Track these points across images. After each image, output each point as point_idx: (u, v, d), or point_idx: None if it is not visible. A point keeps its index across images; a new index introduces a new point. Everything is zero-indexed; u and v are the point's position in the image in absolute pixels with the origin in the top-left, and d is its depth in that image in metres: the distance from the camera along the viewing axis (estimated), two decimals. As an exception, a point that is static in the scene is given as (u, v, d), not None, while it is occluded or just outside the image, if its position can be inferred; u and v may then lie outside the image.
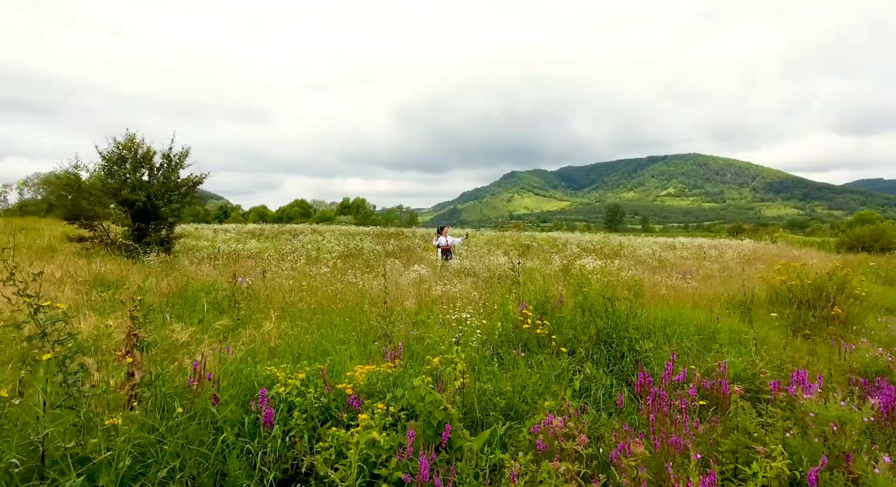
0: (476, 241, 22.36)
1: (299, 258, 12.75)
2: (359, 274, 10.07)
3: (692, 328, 4.55)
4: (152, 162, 12.77)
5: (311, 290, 8.17)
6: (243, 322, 5.18)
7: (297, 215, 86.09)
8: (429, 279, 8.49)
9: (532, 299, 5.05)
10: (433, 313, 5.79)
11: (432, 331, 3.82)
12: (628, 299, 4.45)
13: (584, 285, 4.70)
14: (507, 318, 4.48)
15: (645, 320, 4.43)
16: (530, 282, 8.27)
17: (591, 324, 4.19)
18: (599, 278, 9.02)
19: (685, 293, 8.90)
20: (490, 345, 4.07)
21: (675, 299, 8.17)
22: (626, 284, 9.11)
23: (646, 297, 8.73)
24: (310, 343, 4.47)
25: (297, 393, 2.47)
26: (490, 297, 7.10)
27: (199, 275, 9.62)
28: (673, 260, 15.33)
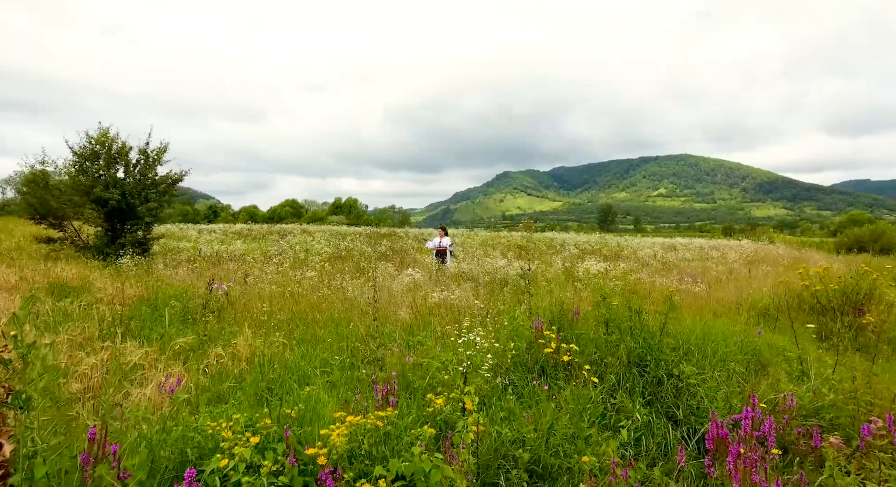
0: (471, 242, 21.70)
1: (285, 261, 12.01)
2: (348, 278, 9.36)
3: (733, 346, 3.92)
4: (128, 158, 11.97)
5: (295, 297, 7.46)
6: (212, 339, 4.46)
7: (287, 215, 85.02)
8: (424, 285, 7.81)
9: (545, 311, 4.39)
10: (430, 325, 5.11)
11: (432, 353, 3.15)
12: (659, 312, 3.81)
13: (607, 295, 4.02)
14: (518, 335, 3.81)
15: (679, 335, 3.78)
16: (535, 287, 7.62)
17: (619, 344, 3.53)
18: (613, 284, 8.40)
19: (700, 299, 8.28)
20: (502, 370, 3.40)
21: (693, 307, 7.54)
22: (641, 290, 8.50)
23: (653, 301, 8.15)
24: (287, 366, 3.78)
25: (247, 467, 1.78)
26: (493, 305, 6.43)
27: (174, 280, 8.86)
28: (675, 262, 14.77)
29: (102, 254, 11.05)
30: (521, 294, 4.57)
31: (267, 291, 7.56)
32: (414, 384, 3.01)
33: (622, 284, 8.77)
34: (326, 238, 20.94)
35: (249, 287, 8.12)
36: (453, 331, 5.02)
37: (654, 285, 9.10)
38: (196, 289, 7.81)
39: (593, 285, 8.51)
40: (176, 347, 4.09)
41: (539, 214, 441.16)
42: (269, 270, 10.21)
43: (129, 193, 11.44)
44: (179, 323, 5.28)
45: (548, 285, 8.28)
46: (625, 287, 8.45)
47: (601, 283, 8.17)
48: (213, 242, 16.67)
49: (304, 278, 9.08)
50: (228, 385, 3.37)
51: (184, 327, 5.03)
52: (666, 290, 6.12)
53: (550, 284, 8.38)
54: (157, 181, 12.19)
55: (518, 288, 8.17)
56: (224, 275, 9.72)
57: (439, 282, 8.31)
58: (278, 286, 8.05)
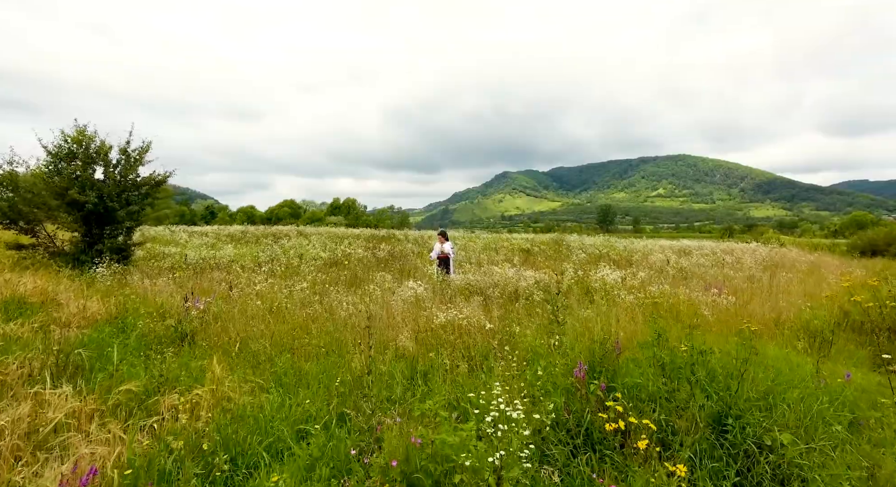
0: (474, 246, 20.88)
1: (277, 268, 11.18)
2: (343, 290, 8.54)
3: (820, 393, 3.11)
4: (108, 158, 11.13)
5: (283, 314, 6.63)
6: (170, 381, 3.63)
7: (285, 215, 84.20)
8: (427, 300, 6.98)
9: (580, 347, 3.58)
10: (438, 358, 4.29)
11: (444, 427, 2.32)
12: (730, 354, 3.00)
13: (661, 331, 3.19)
14: (553, 383, 3.00)
15: (753, 381, 2.97)
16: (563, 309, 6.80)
17: (687, 399, 2.72)
18: (636, 298, 7.58)
19: (733, 316, 7.48)
20: (538, 438, 2.58)
21: (729, 325, 6.73)
22: (667, 304, 7.69)
23: (685, 314, 7.34)
24: (258, 424, 2.96)
25: None
26: (506, 325, 5.62)
27: (151, 292, 8.03)
28: (690, 268, 13.96)
29: (78, 262, 10.21)
30: (550, 324, 3.75)
31: (251, 308, 6.73)
32: (424, 469, 2.19)
33: (645, 297, 7.97)
34: (323, 242, 20.10)
35: (233, 302, 7.29)
36: (464, 366, 4.21)
37: (678, 298, 8.29)
38: (173, 304, 6.99)
39: (623, 302, 7.71)
40: (121, 394, 3.26)
41: (538, 214, 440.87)
42: (257, 279, 9.38)
43: (108, 195, 10.60)
44: (139, 355, 4.45)
45: (565, 298, 7.47)
46: (654, 302, 7.65)
47: (640, 301, 7.35)
48: (202, 247, 15.82)
49: (295, 290, 8.26)
50: (174, 458, 2.54)
51: (145, 358, 4.20)
52: (736, 322, 5.25)
53: (568, 296, 7.56)
54: (139, 183, 11.35)
55: (532, 302, 7.37)
56: (207, 286, 8.89)
57: (444, 296, 7.49)
58: (265, 301, 7.22)
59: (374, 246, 19.57)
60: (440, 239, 10.27)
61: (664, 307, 8.07)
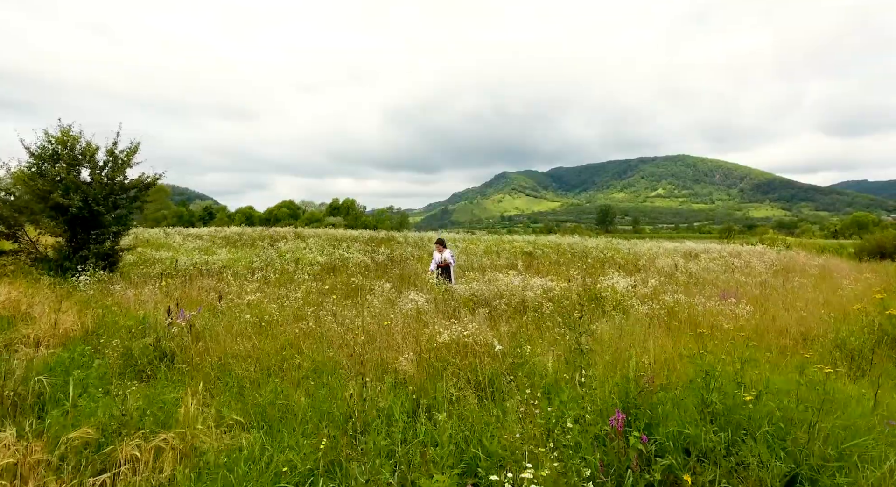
0: (475, 249, 20.40)
1: (271, 275, 10.69)
2: (340, 300, 8.06)
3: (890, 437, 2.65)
4: (95, 159, 10.65)
5: (273, 329, 6.16)
6: (134, 419, 3.15)
7: (284, 216, 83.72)
8: (429, 313, 6.50)
9: (610, 384, 3.09)
10: (443, 388, 3.81)
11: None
12: (790, 393, 2.53)
13: (711, 370, 2.70)
14: (583, 430, 2.53)
15: (821, 430, 2.50)
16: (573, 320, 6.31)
17: (750, 455, 2.25)
18: (651, 308, 7.08)
19: (754, 329, 7.01)
20: None
21: (754, 341, 6.27)
22: (684, 315, 7.20)
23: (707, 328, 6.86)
24: (229, 482, 2.48)
25: None
26: (516, 344, 5.14)
27: (134, 303, 7.55)
28: (699, 273, 13.48)
29: (61, 269, 9.73)
30: (573, 353, 3.27)
31: (240, 322, 6.25)
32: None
33: (660, 307, 7.48)
34: (320, 245, 19.61)
35: (221, 315, 6.81)
36: (472, 397, 3.74)
37: (695, 308, 7.82)
38: (157, 317, 6.51)
39: (636, 313, 7.23)
40: (70, 442, 2.78)
41: (537, 214, 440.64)
42: (249, 288, 8.90)
43: (94, 198, 10.11)
44: (106, 384, 3.96)
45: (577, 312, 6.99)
46: (670, 309, 7.16)
47: (655, 312, 6.86)
48: (194, 251, 15.32)
49: (288, 301, 7.78)
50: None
51: (104, 394, 3.70)
52: (762, 336, 4.71)
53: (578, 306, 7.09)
54: (127, 186, 10.87)
55: (541, 315, 6.89)
56: (196, 296, 8.41)
57: (447, 308, 7.01)
58: (256, 313, 6.74)
59: (372, 249, 19.10)
60: (438, 248, 9.78)
61: (681, 318, 7.61)
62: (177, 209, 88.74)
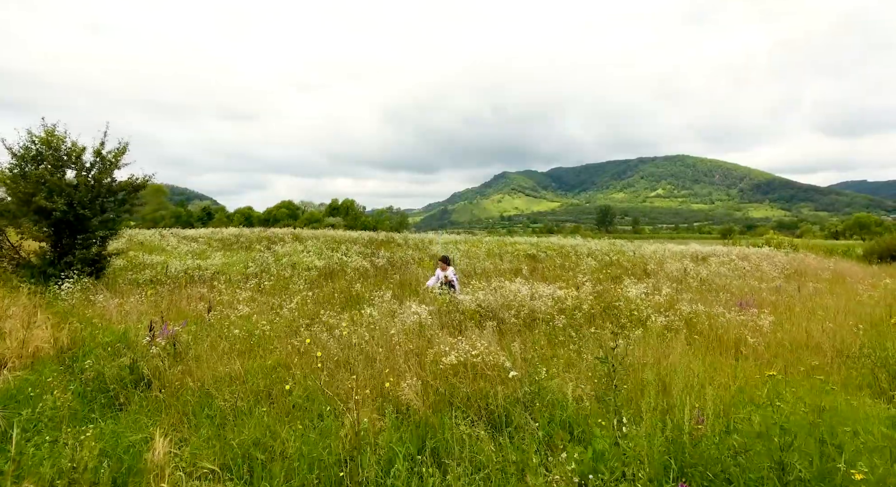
0: (477, 251, 19.92)
1: (266, 282, 10.21)
2: (337, 311, 7.59)
3: None
4: (81, 161, 10.17)
5: (264, 344, 5.69)
6: (88, 472, 2.67)
7: (283, 216, 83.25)
8: (432, 327, 6.03)
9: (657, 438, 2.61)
10: (452, 415, 3.34)
11: None
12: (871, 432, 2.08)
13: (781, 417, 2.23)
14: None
15: None
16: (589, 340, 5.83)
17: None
18: (667, 321, 6.57)
19: (778, 341, 6.54)
20: None
21: (782, 357, 5.80)
22: (705, 328, 6.70)
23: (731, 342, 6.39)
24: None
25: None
26: (530, 365, 4.68)
27: (117, 315, 7.07)
28: (710, 278, 13.01)
29: (44, 276, 9.25)
30: (606, 390, 2.80)
31: (227, 338, 5.77)
32: None
33: (678, 318, 6.98)
34: (318, 247, 19.13)
35: (209, 329, 6.34)
36: (485, 434, 3.27)
37: (715, 319, 7.35)
38: (139, 331, 6.03)
39: (654, 326, 6.75)
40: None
41: (537, 214, 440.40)
42: (242, 296, 8.43)
43: (80, 201, 9.64)
44: (61, 424, 3.48)
45: (590, 326, 6.51)
46: (687, 320, 6.63)
47: (672, 323, 6.36)
48: (188, 255, 14.84)
49: (283, 310, 7.30)
50: None
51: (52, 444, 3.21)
52: (795, 354, 4.19)
53: (592, 321, 6.60)
54: (115, 188, 10.39)
55: (553, 328, 6.42)
56: (184, 306, 7.94)
57: (451, 319, 6.54)
58: (246, 326, 6.27)
59: (372, 252, 18.62)
60: (442, 266, 9.03)
61: (700, 329, 7.15)
62: (175, 210, 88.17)
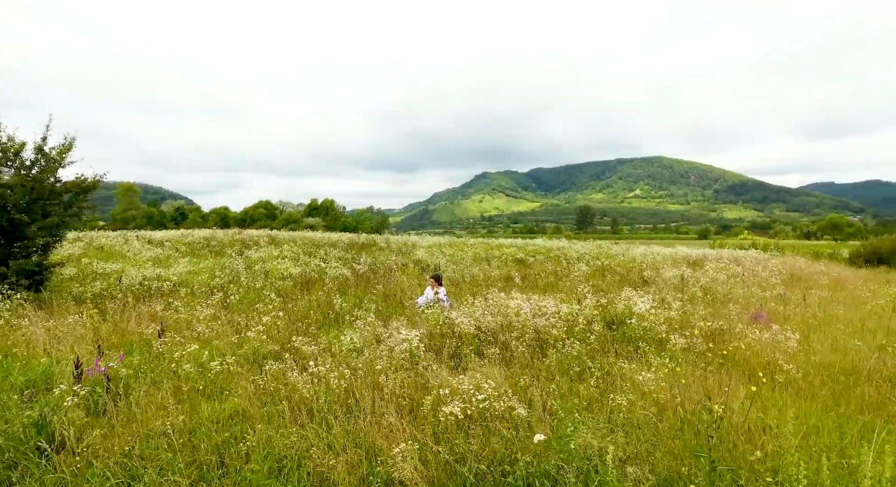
0: (463, 256, 19.03)
1: (234, 295, 9.11)
2: (314, 333, 6.58)
3: None
4: (21, 158, 8.93)
5: (221, 383, 4.67)
6: None
7: (261, 217, 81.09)
8: (425, 357, 5.09)
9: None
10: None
11: None
12: None
13: None
14: None
15: None
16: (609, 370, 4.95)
17: None
18: (687, 342, 5.69)
19: (815, 365, 5.80)
20: None
21: (822, 386, 5.04)
22: (740, 355, 5.87)
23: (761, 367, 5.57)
24: None
25: None
26: (555, 422, 3.79)
27: (47, 342, 5.94)
28: (710, 285, 12.36)
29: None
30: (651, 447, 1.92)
31: (175, 377, 4.73)
32: None
33: (697, 334, 6.16)
34: (295, 252, 17.97)
35: (156, 359, 5.29)
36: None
37: (737, 337, 6.57)
38: (69, 365, 4.95)
39: (674, 348, 5.92)
40: None
41: (517, 215, 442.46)
42: (204, 314, 7.35)
43: (15, 205, 8.42)
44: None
45: (602, 342, 5.65)
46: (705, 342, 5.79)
47: (692, 344, 5.48)
48: (148, 262, 13.55)
49: (251, 331, 6.26)
50: None
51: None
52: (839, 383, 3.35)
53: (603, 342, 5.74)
54: (59, 190, 9.17)
55: (565, 355, 5.55)
56: (132, 328, 6.82)
57: (447, 345, 5.61)
58: (200, 359, 5.23)
59: (352, 257, 17.56)
60: (432, 283, 8.42)
61: (721, 350, 6.38)
62: (147, 210, 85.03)
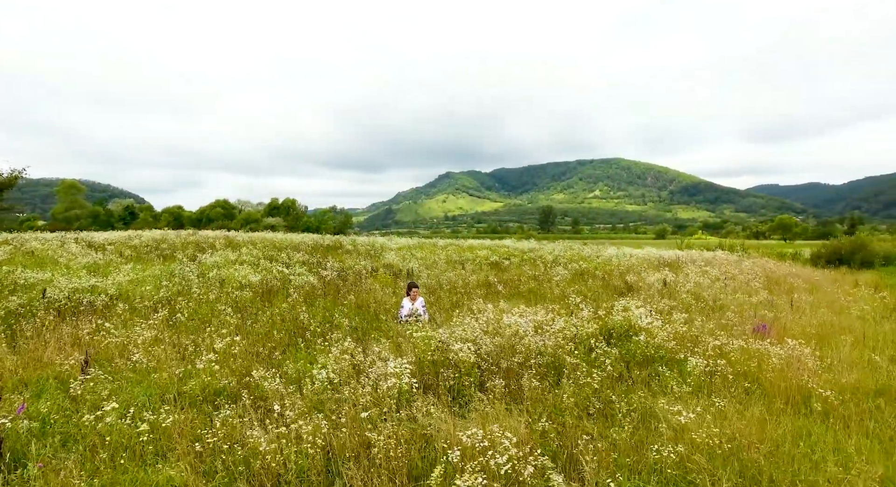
0: (435, 258, 18.12)
1: (183, 312, 7.87)
2: (276, 360, 5.54)
3: None
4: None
5: (156, 444, 3.60)
6: None
7: (218, 216, 77.55)
8: (419, 397, 4.17)
9: None
10: None
11: None
12: None
13: None
14: None
15: None
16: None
17: None
18: (708, 365, 4.98)
19: (845, 388, 5.24)
20: None
21: (862, 413, 4.46)
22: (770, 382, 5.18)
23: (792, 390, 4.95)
24: None
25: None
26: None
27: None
28: (696, 290, 11.95)
29: None
30: None
31: (95, 430, 3.63)
32: None
33: (718, 355, 5.42)
34: (255, 256, 16.60)
35: (71, 407, 4.15)
36: None
37: (758, 356, 5.97)
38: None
39: (695, 371, 5.20)
40: None
41: (481, 215, 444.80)
42: (144, 336, 6.16)
43: None
44: None
45: (616, 365, 4.89)
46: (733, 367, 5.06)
47: (713, 366, 4.73)
48: (84, 269, 11.96)
49: (202, 358, 5.15)
50: None
51: None
52: None
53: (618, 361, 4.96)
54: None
55: (581, 386, 4.74)
56: (51, 357, 5.57)
57: (442, 378, 4.71)
58: (131, 400, 4.13)
59: (318, 260, 16.35)
60: (413, 294, 7.89)
61: (749, 374, 5.75)
62: (93, 209, 79.69)
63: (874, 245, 22.16)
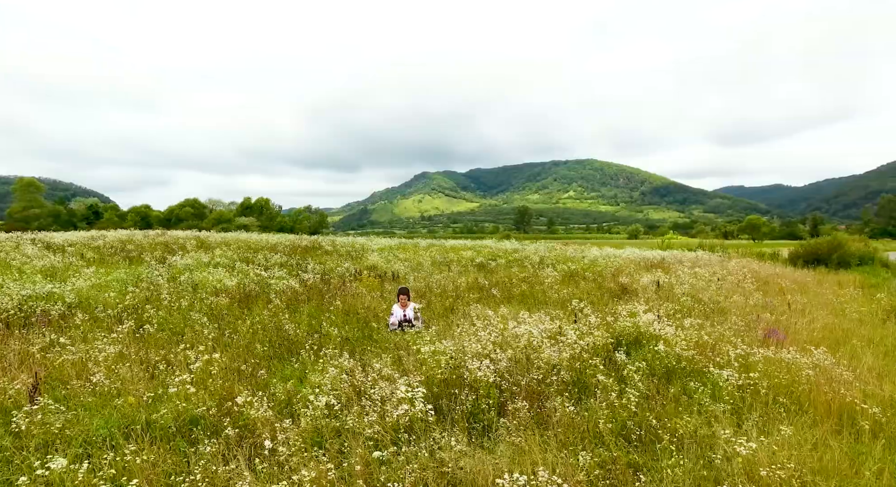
0: (420, 259, 17.50)
1: (151, 322, 7.06)
2: (261, 382, 4.87)
3: None
4: None
5: None
6: None
7: (188, 216, 74.98)
8: (435, 425, 3.59)
9: None
10: None
11: None
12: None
13: None
14: None
15: None
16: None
17: None
18: (740, 379, 4.52)
19: (884, 400, 4.88)
20: None
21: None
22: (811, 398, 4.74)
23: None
24: None
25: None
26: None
27: None
28: (692, 292, 11.68)
29: None
30: None
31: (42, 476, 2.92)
32: None
33: (746, 370, 4.98)
34: (230, 258, 15.67)
35: (18, 439, 3.41)
36: None
37: (788, 368, 5.58)
38: None
39: (727, 388, 4.75)
40: None
41: (457, 215, 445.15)
42: (107, 352, 5.38)
43: None
44: None
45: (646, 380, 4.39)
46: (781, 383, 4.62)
47: (746, 379, 4.27)
48: (39, 274, 10.90)
49: (174, 379, 4.43)
50: None
51: None
52: None
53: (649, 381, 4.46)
54: None
55: (614, 408, 4.22)
56: (0, 375, 4.76)
57: (457, 404, 4.13)
58: (87, 442, 3.42)
59: (298, 262, 15.53)
60: (402, 301, 7.28)
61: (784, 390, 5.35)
62: (53, 208, 76.03)
63: (850, 246, 22.56)
